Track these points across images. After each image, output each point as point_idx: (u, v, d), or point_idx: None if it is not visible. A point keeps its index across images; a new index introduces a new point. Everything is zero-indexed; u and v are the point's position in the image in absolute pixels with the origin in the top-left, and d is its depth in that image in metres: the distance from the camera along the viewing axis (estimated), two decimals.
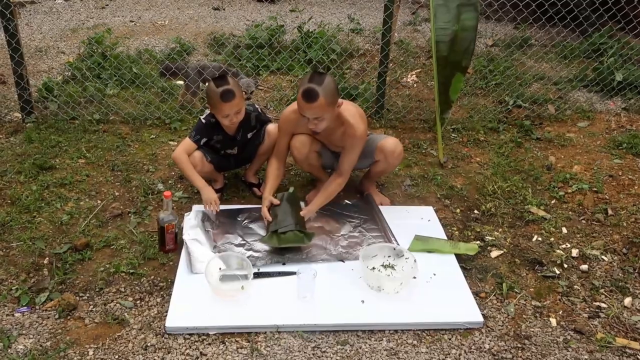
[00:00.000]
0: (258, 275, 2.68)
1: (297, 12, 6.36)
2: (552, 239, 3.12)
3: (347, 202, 3.31)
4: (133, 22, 6.38)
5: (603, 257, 3.00)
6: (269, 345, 2.37)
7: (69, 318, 2.47)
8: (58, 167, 3.55)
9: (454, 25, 3.53)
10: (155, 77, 4.54)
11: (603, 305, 2.68)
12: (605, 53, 5.24)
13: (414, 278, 2.69)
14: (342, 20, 6.41)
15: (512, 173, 3.71)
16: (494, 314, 2.60)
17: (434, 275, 2.76)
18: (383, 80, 4.22)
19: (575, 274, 2.88)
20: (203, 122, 3.14)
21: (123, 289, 2.64)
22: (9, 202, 3.21)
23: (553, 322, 2.58)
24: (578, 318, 2.61)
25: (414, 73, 5.13)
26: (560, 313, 2.64)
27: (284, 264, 2.79)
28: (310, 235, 2.89)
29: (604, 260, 2.98)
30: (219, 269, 2.68)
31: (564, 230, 3.20)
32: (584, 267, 2.92)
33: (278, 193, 3.05)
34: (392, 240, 2.96)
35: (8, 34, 3.76)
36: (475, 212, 3.33)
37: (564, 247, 3.07)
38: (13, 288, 2.61)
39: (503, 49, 5.59)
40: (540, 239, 3.12)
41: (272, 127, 3.25)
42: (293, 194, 3.05)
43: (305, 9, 6.73)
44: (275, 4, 7.11)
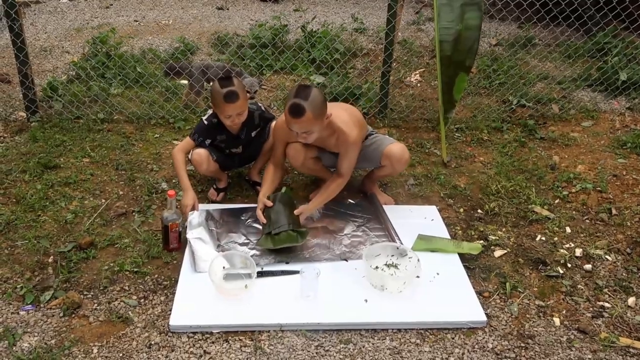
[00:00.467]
0: (261, 274, 2.69)
1: (300, 11, 6.36)
2: (555, 239, 3.11)
3: (350, 201, 3.32)
4: (137, 21, 6.39)
5: (607, 256, 2.99)
6: (272, 344, 2.38)
7: (74, 316, 2.48)
8: (62, 166, 3.57)
9: (458, 25, 3.53)
10: (159, 76, 4.55)
11: (607, 305, 2.68)
12: (610, 52, 5.22)
13: (418, 277, 2.70)
14: (345, 20, 6.41)
15: (515, 172, 3.70)
16: (498, 314, 2.60)
17: (438, 275, 2.76)
18: (386, 80, 4.22)
19: (579, 274, 2.88)
20: (205, 122, 3.14)
21: (127, 288, 2.65)
22: (14, 200, 3.22)
23: (556, 321, 2.58)
24: (582, 318, 2.61)
25: (418, 72, 5.13)
26: (564, 312, 2.63)
27: (288, 263, 2.79)
28: (304, 234, 2.87)
29: (608, 260, 2.97)
30: (223, 268, 2.69)
31: (568, 230, 3.19)
32: (588, 266, 2.92)
33: (271, 194, 3.02)
34: (395, 240, 2.95)
35: (13, 34, 3.77)
36: (479, 211, 3.33)
37: (568, 246, 3.06)
38: (18, 286, 2.62)
39: (507, 49, 5.58)
40: (544, 239, 3.11)
41: (274, 123, 3.25)
42: (286, 194, 3.02)
43: (309, 9, 6.73)
44: (279, 4, 7.11)
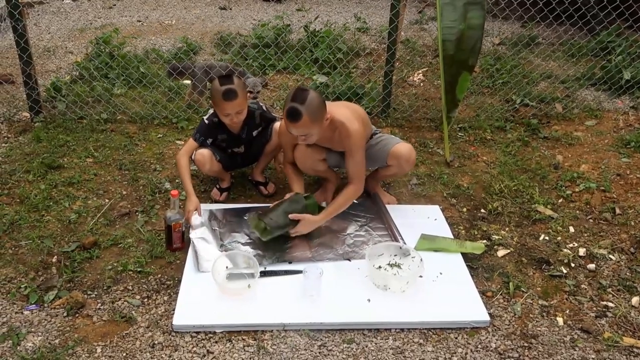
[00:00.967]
0: (264, 274, 2.69)
1: (303, 11, 6.36)
2: (559, 238, 3.11)
3: (353, 201, 3.31)
4: (140, 21, 6.40)
5: (610, 256, 2.99)
6: (275, 344, 2.38)
7: (77, 316, 2.49)
8: (66, 166, 3.58)
9: (461, 24, 3.53)
10: (162, 76, 4.56)
11: (610, 305, 2.67)
12: (613, 51, 5.20)
13: (421, 277, 2.70)
14: (348, 19, 6.41)
15: (519, 172, 3.70)
16: (501, 313, 2.60)
17: (441, 274, 2.76)
18: (389, 79, 4.22)
19: (583, 273, 2.87)
20: (205, 122, 3.15)
21: (130, 287, 2.65)
22: (18, 201, 3.23)
23: (560, 321, 2.57)
24: (585, 317, 2.60)
25: (421, 72, 5.12)
26: (567, 312, 2.63)
27: (290, 263, 2.79)
28: (267, 234, 2.82)
29: (612, 260, 2.97)
30: (226, 268, 2.69)
31: (571, 230, 3.18)
32: (591, 266, 2.91)
33: (299, 194, 2.98)
34: (398, 239, 2.95)
35: (17, 34, 3.79)
36: (482, 211, 3.32)
37: (571, 246, 3.06)
38: (22, 286, 2.63)
39: (510, 48, 5.58)
40: (547, 238, 3.11)
41: (278, 125, 3.25)
42: (298, 199, 2.95)
43: (312, 8, 6.73)
44: (282, 3, 7.12)
